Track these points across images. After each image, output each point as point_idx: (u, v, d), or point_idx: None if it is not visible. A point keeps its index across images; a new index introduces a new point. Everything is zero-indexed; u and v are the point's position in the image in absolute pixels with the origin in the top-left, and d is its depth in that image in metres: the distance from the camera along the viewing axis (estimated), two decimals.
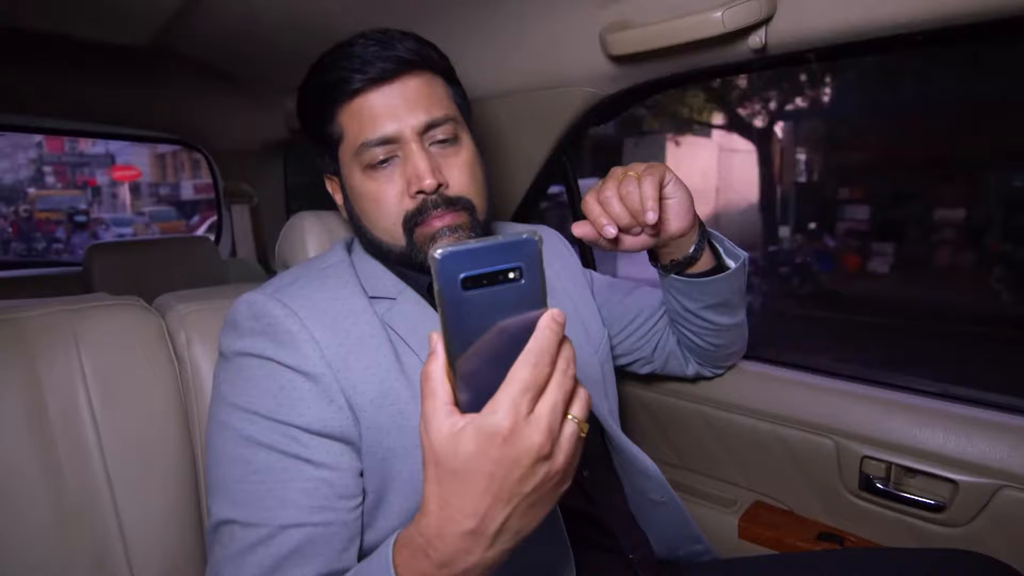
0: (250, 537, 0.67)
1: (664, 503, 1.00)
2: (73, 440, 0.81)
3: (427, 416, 0.48)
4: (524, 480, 0.48)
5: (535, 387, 0.47)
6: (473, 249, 0.44)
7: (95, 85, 1.89)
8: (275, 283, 0.82)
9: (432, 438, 0.48)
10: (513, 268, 0.45)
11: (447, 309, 0.45)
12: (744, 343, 1.16)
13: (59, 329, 0.85)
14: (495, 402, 0.46)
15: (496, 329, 0.46)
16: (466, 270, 0.44)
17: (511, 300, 0.46)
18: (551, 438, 0.47)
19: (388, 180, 0.83)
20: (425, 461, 0.49)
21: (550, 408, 0.47)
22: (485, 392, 0.47)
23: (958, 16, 0.84)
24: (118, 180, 18.35)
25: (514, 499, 0.48)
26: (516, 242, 0.45)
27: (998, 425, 1.01)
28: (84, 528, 0.80)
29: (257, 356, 0.74)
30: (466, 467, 0.47)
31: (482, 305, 0.45)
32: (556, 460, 0.49)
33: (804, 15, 0.93)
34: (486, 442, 0.46)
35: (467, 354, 0.47)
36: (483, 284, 0.45)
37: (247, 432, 0.71)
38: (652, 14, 1.03)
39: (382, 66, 0.80)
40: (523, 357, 0.47)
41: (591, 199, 0.86)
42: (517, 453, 0.46)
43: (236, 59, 1.56)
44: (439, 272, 0.44)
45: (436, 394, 0.48)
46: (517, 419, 0.46)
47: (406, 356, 0.79)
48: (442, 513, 0.49)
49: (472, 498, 0.48)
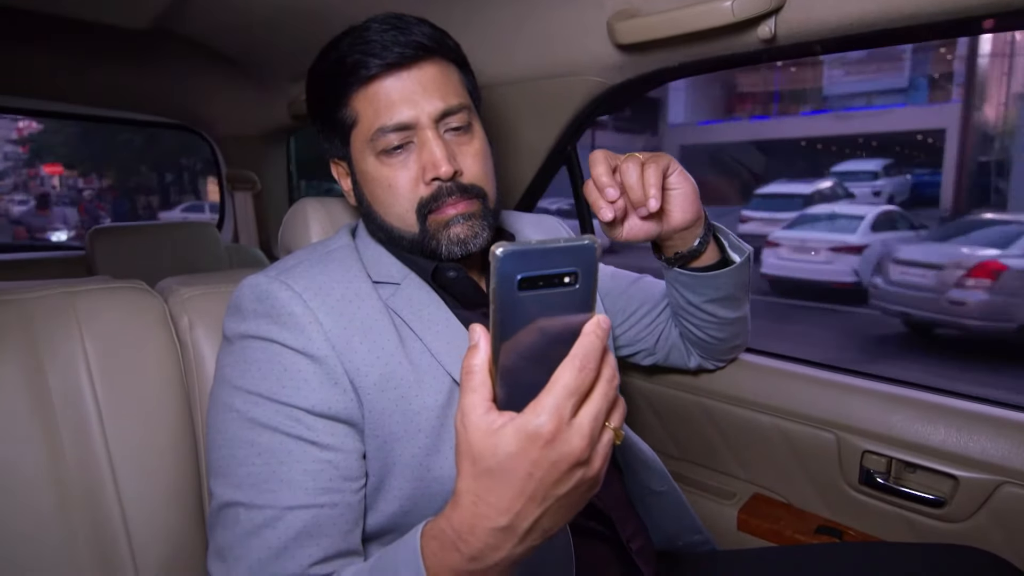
0: (255, 519, 0.67)
1: (664, 493, 1.00)
2: (75, 423, 0.81)
3: (466, 410, 0.48)
4: (560, 483, 0.48)
5: (579, 392, 0.47)
6: (535, 250, 0.44)
7: (97, 69, 1.88)
8: (279, 266, 0.82)
9: (470, 433, 0.48)
10: (570, 273, 0.45)
11: (500, 307, 0.45)
12: (747, 336, 1.16)
13: (62, 312, 0.85)
14: (539, 404, 0.46)
15: (542, 329, 0.46)
16: (525, 271, 0.44)
17: (563, 304, 0.46)
18: (591, 445, 0.48)
19: (402, 166, 0.82)
20: (460, 455, 0.49)
21: (593, 416, 0.48)
22: (524, 391, 0.47)
23: (967, 8, 0.83)
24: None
25: (548, 500, 0.48)
26: (576, 246, 0.45)
27: (999, 421, 1.01)
28: (85, 511, 0.80)
29: (261, 338, 0.74)
30: (503, 466, 0.47)
31: (534, 306, 0.45)
32: (592, 466, 0.49)
33: (814, 6, 0.92)
34: (527, 443, 0.46)
35: (510, 352, 0.47)
36: (539, 286, 0.45)
37: (251, 414, 0.71)
38: (661, 2, 1.02)
39: (400, 51, 0.79)
40: (568, 361, 0.47)
41: (591, 183, 0.86)
42: (556, 457, 0.47)
43: (240, 44, 1.55)
44: (498, 270, 0.44)
45: (477, 389, 0.48)
46: (560, 423, 0.46)
47: (409, 341, 0.79)
48: (476, 509, 0.49)
49: (507, 497, 0.48)
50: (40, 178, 17.77)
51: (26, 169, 17.25)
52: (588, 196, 0.85)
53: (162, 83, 2.04)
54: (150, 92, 2.11)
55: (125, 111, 2.33)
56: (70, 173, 17.34)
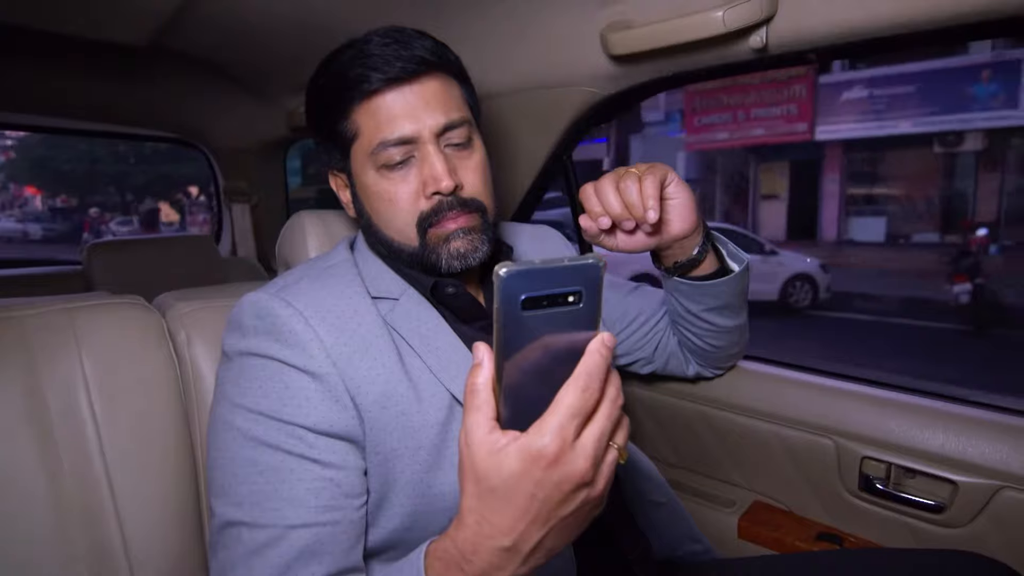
0: (258, 538, 0.67)
1: (664, 503, 1.00)
2: (73, 439, 0.81)
3: (469, 429, 0.48)
4: (564, 503, 0.48)
5: (583, 413, 0.47)
6: (539, 270, 0.44)
7: (95, 84, 1.88)
8: (279, 282, 0.82)
9: (474, 453, 0.48)
10: (574, 292, 0.45)
11: (504, 327, 0.45)
12: (745, 344, 1.16)
13: (59, 328, 0.85)
14: (543, 424, 0.46)
15: (545, 348, 0.46)
16: (529, 291, 0.44)
17: (566, 322, 0.46)
18: (594, 466, 0.48)
19: (403, 180, 0.82)
20: (463, 475, 0.49)
21: (596, 437, 0.47)
22: (528, 410, 0.47)
23: (958, 16, 0.84)
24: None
25: (551, 520, 0.48)
26: (581, 265, 0.45)
27: (998, 426, 1.02)
28: (84, 527, 0.80)
29: (261, 356, 0.74)
30: (507, 486, 0.47)
31: (537, 325, 0.45)
32: (596, 486, 0.49)
33: (805, 15, 0.93)
34: (531, 464, 0.46)
35: (514, 371, 0.46)
36: (543, 305, 0.45)
37: (252, 432, 0.71)
38: (653, 13, 1.03)
39: (402, 66, 0.79)
40: (572, 381, 0.46)
41: (589, 189, 0.86)
42: (560, 478, 0.47)
43: (237, 58, 1.55)
44: (501, 290, 0.43)
45: (480, 408, 0.48)
46: (563, 444, 0.46)
47: (408, 357, 0.79)
48: (479, 529, 0.49)
49: (511, 517, 0.48)
50: (24, 199, 20.45)
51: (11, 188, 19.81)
52: (586, 201, 0.87)
53: (160, 97, 2.04)
54: (148, 106, 2.12)
55: (124, 126, 2.34)
56: (46, 193, 19.92)
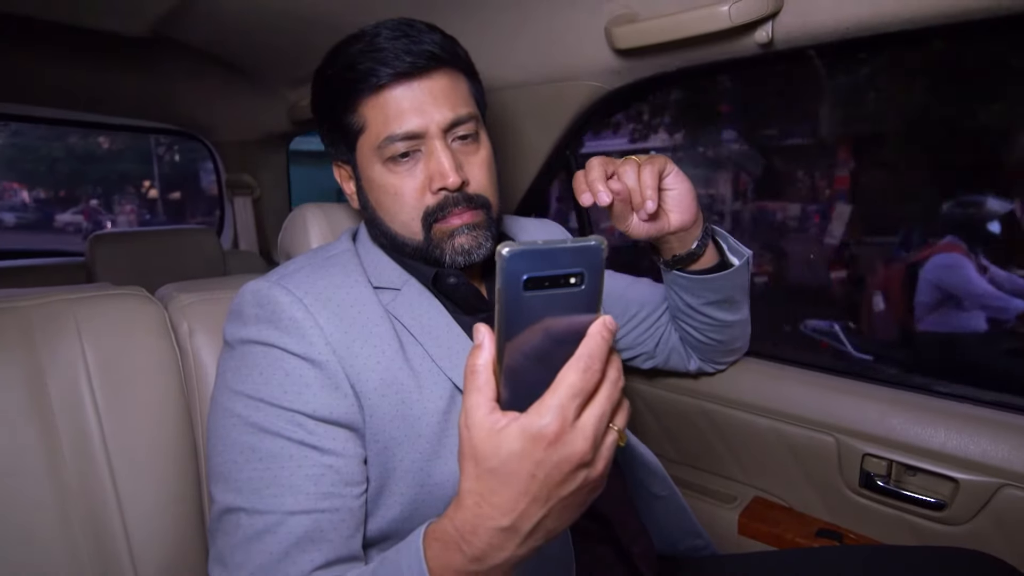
0: (257, 525, 0.67)
1: (665, 497, 1.00)
2: (75, 429, 0.81)
3: (469, 410, 0.48)
4: (563, 484, 0.48)
5: (583, 393, 0.47)
6: (541, 251, 0.44)
7: (96, 75, 1.88)
8: (279, 271, 0.82)
9: (473, 434, 0.48)
10: (576, 273, 0.45)
11: (505, 307, 0.45)
12: (747, 339, 1.16)
13: (62, 319, 0.85)
14: (543, 405, 0.46)
15: (546, 330, 0.46)
16: (531, 271, 0.44)
17: (568, 304, 0.46)
18: (594, 446, 0.48)
19: (409, 174, 0.82)
20: (463, 455, 0.49)
21: (597, 417, 0.47)
22: (528, 391, 0.47)
23: (965, 12, 0.84)
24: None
25: (551, 501, 0.48)
26: (583, 247, 0.45)
27: (999, 423, 1.01)
28: (85, 516, 0.80)
29: (262, 344, 0.74)
30: (507, 466, 0.47)
31: (539, 306, 0.45)
32: (596, 467, 0.49)
33: (811, 10, 0.93)
34: (530, 444, 0.46)
35: (515, 352, 0.46)
36: (544, 286, 0.44)
37: (253, 419, 0.71)
38: (658, 7, 1.03)
39: (411, 60, 0.79)
40: (573, 362, 0.46)
41: (593, 162, 0.85)
42: (560, 458, 0.47)
43: (239, 50, 1.55)
44: (504, 270, 0.43)
45: (481, 389, 0.48)
46: (564, 424, 0.46)
47: (410, 346, 0.79)
48: (479, 510, 0.49)
49: (510, 497, 0.48)
50: (15, 190, 20.46)
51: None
52: (588, 173, 0.85)
53: (161, 89, 2.04)
54: (149, 98, 2.12)
55: (124, 117, 2.33)
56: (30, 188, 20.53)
